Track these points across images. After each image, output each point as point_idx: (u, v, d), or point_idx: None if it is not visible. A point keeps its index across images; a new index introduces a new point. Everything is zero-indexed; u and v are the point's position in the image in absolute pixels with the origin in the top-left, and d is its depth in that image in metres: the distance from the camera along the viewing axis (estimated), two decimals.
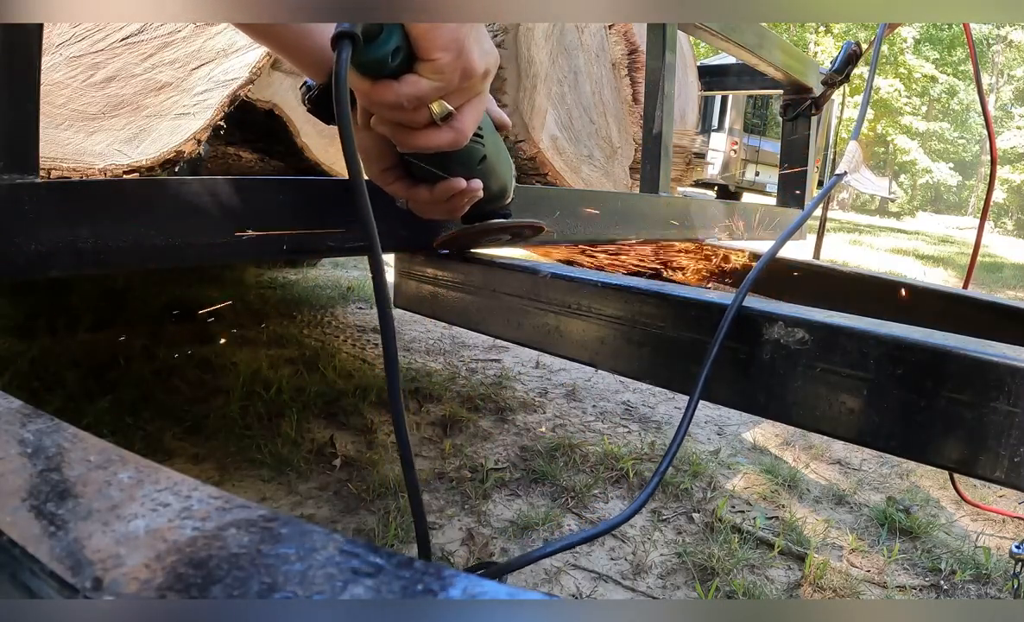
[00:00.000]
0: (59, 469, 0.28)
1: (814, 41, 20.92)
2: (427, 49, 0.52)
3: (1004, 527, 1.61)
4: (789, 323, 0.58)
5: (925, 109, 26.47)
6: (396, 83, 0.54)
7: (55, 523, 0.24)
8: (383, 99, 0.54)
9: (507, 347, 2.49)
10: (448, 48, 0.53)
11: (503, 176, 0.72)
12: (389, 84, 0.54)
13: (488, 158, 0.67)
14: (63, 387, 1.68)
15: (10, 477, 0.27)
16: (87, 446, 0.30)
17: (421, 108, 0.55)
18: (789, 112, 1.70)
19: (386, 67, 0.52)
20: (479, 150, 0.65)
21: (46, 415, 0.32)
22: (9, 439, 0.30)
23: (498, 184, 0.72)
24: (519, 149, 1.40)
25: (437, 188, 0.65)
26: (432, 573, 0.22)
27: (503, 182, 0.72)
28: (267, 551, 0.23)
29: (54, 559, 0.22)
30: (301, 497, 1.39)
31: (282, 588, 0.21)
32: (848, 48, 1.35)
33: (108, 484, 0.26)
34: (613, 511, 1.48)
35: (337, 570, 0.22)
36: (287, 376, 1.90)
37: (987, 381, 0.49)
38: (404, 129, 0.58)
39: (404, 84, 0.54)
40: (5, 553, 0.23)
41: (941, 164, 27.09)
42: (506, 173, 0.73)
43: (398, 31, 0.52)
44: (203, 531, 0.24)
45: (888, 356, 0.54)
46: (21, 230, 0.54)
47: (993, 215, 29.06)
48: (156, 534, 0.23)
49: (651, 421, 2.02)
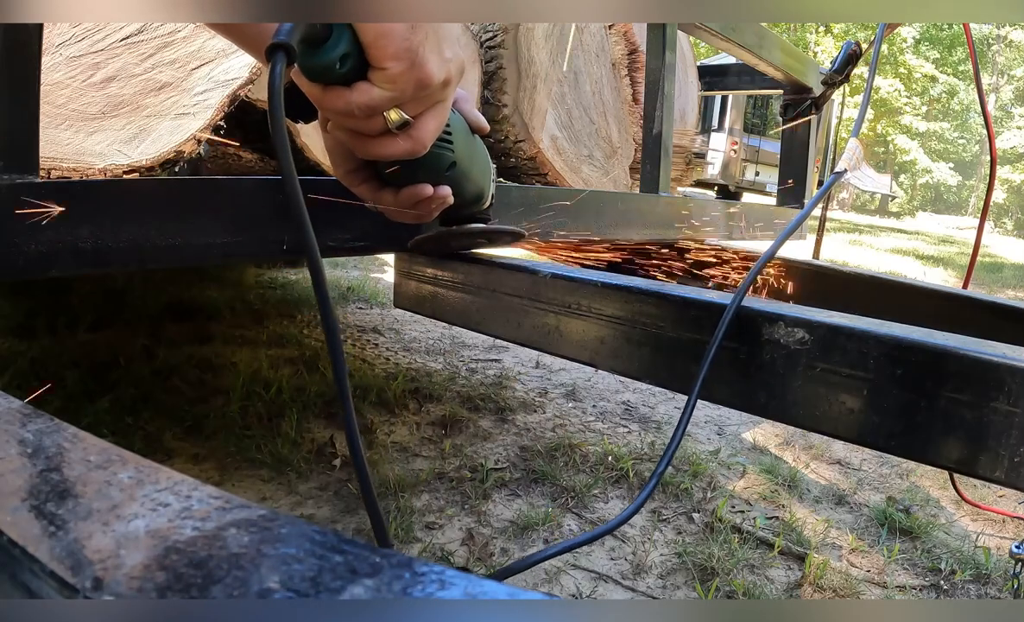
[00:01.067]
0: (59, 469, 0.28)
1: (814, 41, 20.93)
2: (378, 58, 0.49)
3: (1004, 527, 1.61)
4: (789, 323, 0.58)
5: (925, 109, 26.48)
6: (347, 91, 0.51)
7: (55, 523, 0.24)
8: (333, 107, 0.52)
9: (507, 347, 2.49)
10: (400, 57, 0.49)
11: (478, 181, 0.70)
12: (340, 91, 0.51)
13: (459, 164, 0.64)
14: (63, 387, 1.68)
15: (10, 477, 0.27)
16: (87, 446, 0.30)
17: (375, 116, 0.52)
18: (789, 112, 1.70)
19: (334, 74, 0.49)
20: (447, 156, 0.63)
21: (46, 415, 0.32)
22: (9, 439, 0.30)
23: (473, 189, 0.69)
24: (519, 149, 1.40)
25: (402, 194, 0.62)
26: (432, 573, 0.22)
27: (479, 187, 0.70)
28: (267, 551, 0.23)
29: (54, 559, 0.22)
30: (301, 497, 1.39)
31: (282, 588, 0.21)
32: (848, 48, 1.35)
33: (108, 484, 0.26)
34: (613, 511, 1.48)
35: (337, 570, 0.22)
36: (287, 376, 1.90)
37: (987, 381, 0.49)
38: (360, 136, 0.55)
39: (355, 92, 0.51)
40: (5, 553, 0.23)
41: (941, 164, 27.10)
42: (482, 178, 0.71)
43: (347, 36, 0.48)
44: (203, 531, 0.24)
45: (888, 356, 0.54)
46: (21, 230, 0.54)
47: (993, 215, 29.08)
48: (156, 534, 0.23)
49: (651, 421, 2.02)
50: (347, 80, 0.51)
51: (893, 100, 23.52)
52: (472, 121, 0.68)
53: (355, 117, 0.52)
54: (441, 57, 0.52)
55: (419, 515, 1.37)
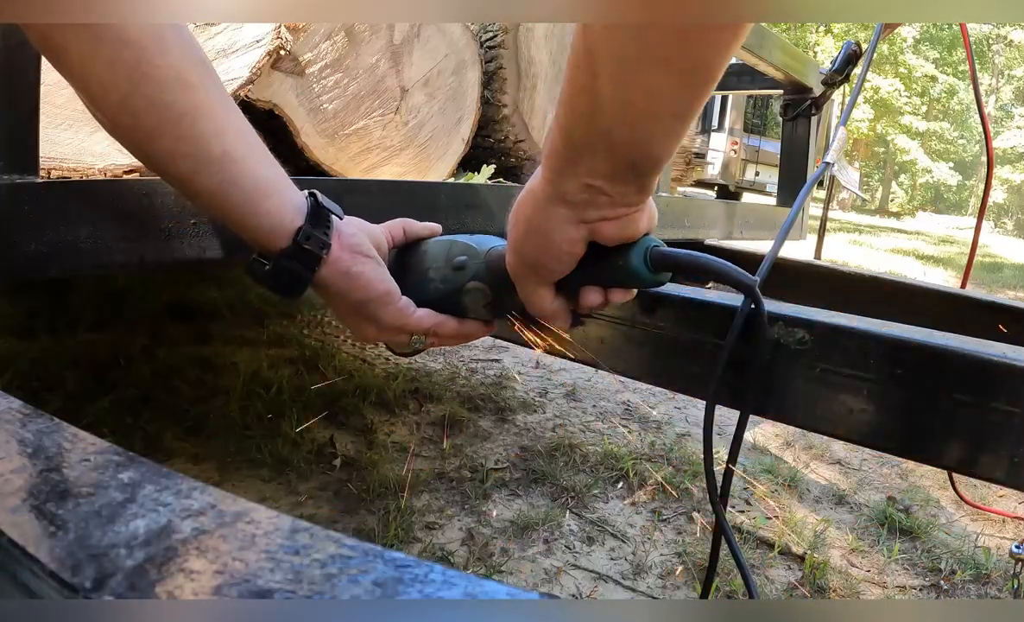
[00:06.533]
0: (59, 469, 0.28)
1: (814, 41, 20.93)
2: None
3: (1004, 527, 1.61)
4: (789, 323, 0.58)
5: (925, 109, 26.47)
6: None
7: (55, 523, 0.24)
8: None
9: (507, 347, 2.49)
10: (367, 341, 0.54)
11: (482, 288, 0.61)
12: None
13: (464, 292, 0.61)
14: (63, 387, 1.68)
15: (10, 477, 0.27)
16: (87, 446, 0.30)
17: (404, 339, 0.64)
18: (789, 112, 1.70)
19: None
20: (474, 295, 0.61)
21: (46, 415, 0.32)
22: (9, 439, 0.30)
23: (485, 297, 0.61)
24: (519, 149, 1.40)
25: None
26: (432, 573, 0.22)
27: (487, 295, 0.62)
28: (268, 551, 0.23)
29: (54, 559, 0.22)
30: (301, 497, 1.39)
31: (283, 588, 0.21)
32: (848, 48, 1.34)
33: (108, 484, 0.26)
34: (613, 511, 1.48)
35: (337, 570, 0.22)
36: (287, 376, 1.90)
37: (987, 381, 0.49)
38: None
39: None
40: (5, 553, 0.23)
41: (941, 164, 27.08)
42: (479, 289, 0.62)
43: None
44: (203, 531, 0.24)
45: (888, 356, 0.54)
46: (21, 230, 0.54)
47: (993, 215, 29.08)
48: (156, 534, 0.23)
49: (651, 421, 2.02)
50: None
51: (893, 100, 23.51)
52: (419, 236, 0.67)
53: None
54: (378, 328, 0.61)
55: (419, 515, 1.37)
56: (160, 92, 0.49)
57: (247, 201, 0.53)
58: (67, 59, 0.49)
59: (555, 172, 0.48)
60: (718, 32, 0.38)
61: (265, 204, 0.54)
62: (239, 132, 0.53)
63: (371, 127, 1.12)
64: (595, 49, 0.40)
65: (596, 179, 0.46)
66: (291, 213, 0.55)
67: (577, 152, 0.46)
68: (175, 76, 0.50)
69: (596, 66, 0.41)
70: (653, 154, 0.45)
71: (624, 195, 0.48)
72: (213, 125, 0.51)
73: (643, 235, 0.52)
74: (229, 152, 0.52)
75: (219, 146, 0.51)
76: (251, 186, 0.53)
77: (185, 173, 0.52)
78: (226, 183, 0.52)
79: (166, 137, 0.51)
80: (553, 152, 0.47)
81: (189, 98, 0.50)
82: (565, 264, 0.52)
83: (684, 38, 0.38)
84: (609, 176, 0.46)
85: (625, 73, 0.40)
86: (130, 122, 0.50)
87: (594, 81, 0.41)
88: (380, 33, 1.09)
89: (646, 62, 0.40)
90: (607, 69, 0.41)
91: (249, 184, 0.53)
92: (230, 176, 0.52)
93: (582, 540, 1.36)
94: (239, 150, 0.53)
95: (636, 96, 0.41)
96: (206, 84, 0.52)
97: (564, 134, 0.46)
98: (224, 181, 0.52)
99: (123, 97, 0.49)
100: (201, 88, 0.51)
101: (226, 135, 0.52)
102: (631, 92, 0.41)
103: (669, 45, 0.38)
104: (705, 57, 0.39)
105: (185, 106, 0.50)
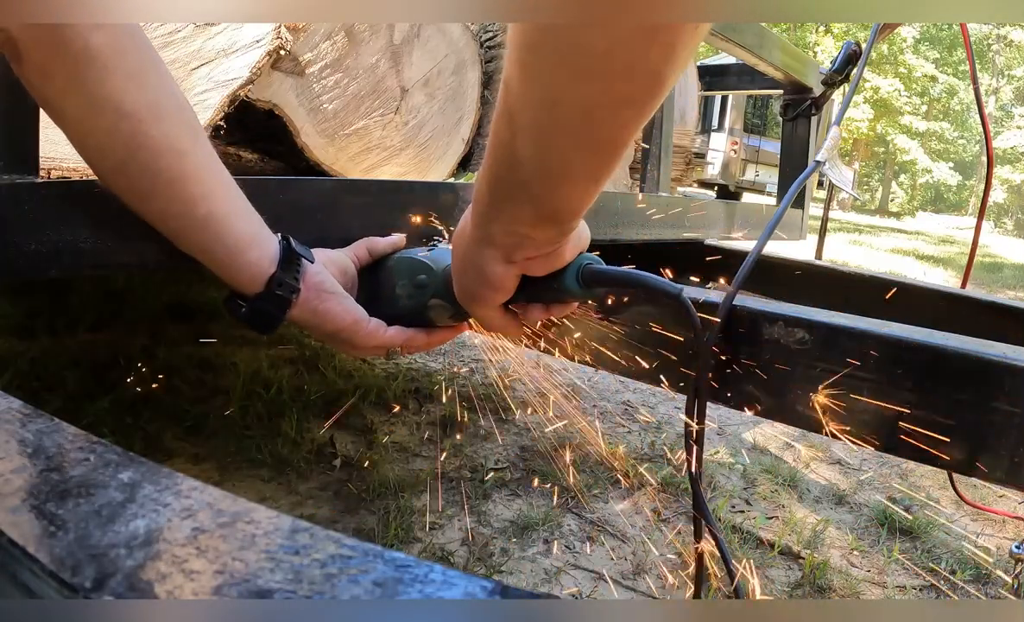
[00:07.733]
0: (59, 469, 0.28)
1: (814, 41, 20.93)
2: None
3: (1004, 527, 1.61)
4: (789, 323, 0.58)
5: (925, 109, 26.47)
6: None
7: (55, 523, 0.24)
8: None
9: (507, 348, 2.48)
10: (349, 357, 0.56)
11: (443, 304, 0.67)
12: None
13: (427, 308, 0.67)
14: (63, 387, 1.68)
15: (10, 477, 0.27)
16: (87, 446, 0.30)
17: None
18: (789, 112, 1.70)
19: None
20: (421, 300, 0.67)
21: (46, 415, 0.32)
22: (9, 439, 0.30)
23: (447, 311, 0.67)
24: None
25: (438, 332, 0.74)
26: (432, 573, 0.22)
27: (447, 309, 0.67)
28: (268, 551, 0.23)
29: (54, 559, 0.22)
30: (301, 497, 1.39)
31: (283, 588, 0.21)
32: (848, 48, 1.34)
33: (108, 484, 0.26)
34: (613, 511, 1.48)
35: (337, 570, 0.22)
36: (287, 376, 1.90)
37: (987, 381, 0.49)
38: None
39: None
40: (5, 553, 0.23)
41: (941, 164, 27.08)
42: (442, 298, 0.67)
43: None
44: (203, 531, 0.24)
45: (888, 356, 0.54)
46: (21, 230, 0.54)
47: (993, 215, 29.07)
48: (156, 534, 0.23)
49: (651, 421, 2.02)
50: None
51: (893, 100, 23.50)
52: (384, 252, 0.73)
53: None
54: (357, 349, 0.67)
55: (419, 515, 1.37)
56: (154, 159, 0.54)
57: (228, 255, 0.59)
58: (66, 124, 0.53)
59: (481, 216, 0.50)
60: (622, 109, 0.39)
61: (245, 257, 0.60)
62: (224, 194, 0.58)
63: (371, 127, 1.12)
64: (514, 112, 0.42)
65: (519, 226, 0.49)
66: (266, 263, 0.60)
67: (500, 200, 0.48)
68: (168, 145, 0.54)
69: (515, 127, 0.43)
70: (571, 207, 0.48)
71: (548, 240, 0.50)
72: (200, 189, 0.56)
73: (573, 259, 0.54)
74: (214, 213, 0.57)
75: (205, 207, 0.57)
76: (232, 243, 0.59)
77: (174, 229, 0.58)
78: (210, 240, 0.58)
79: (158, 198, 0.56)
80: (479, 198, 0.50)
81: (180, 165, 0.55)
82: (501, 295, 0.55)
83: (589, 116, 0.39)
84: (531, 223, 0.48)
85: (540, 138, 0.42)
86: (125, 184, 0.55)
87: (513, 139, 0.43)
88: (380, 33, 1.09)
89: (557, 134, 0.41)
90: (524, 133, 0.42)
91: (231, 241, 0.59)
92: (214, 234, 0.58)
93: (582, 540, 1.36)
94: (222, 210, 0.58)
95: (550, 159, 0.43)
96: (196, 150, 0.56)
97: (488, 183, 0.48)
98: (208, 239, 0.58)
99: (119, 163, 0.54)
100: (191, 155, 0.56)
101: (212, 198, 0.57)
102: (545, 155, 0.43)
103: (577, 120, 0.40)
104: (611, 134, 0.41)
105: (176, 172, 0.55)
